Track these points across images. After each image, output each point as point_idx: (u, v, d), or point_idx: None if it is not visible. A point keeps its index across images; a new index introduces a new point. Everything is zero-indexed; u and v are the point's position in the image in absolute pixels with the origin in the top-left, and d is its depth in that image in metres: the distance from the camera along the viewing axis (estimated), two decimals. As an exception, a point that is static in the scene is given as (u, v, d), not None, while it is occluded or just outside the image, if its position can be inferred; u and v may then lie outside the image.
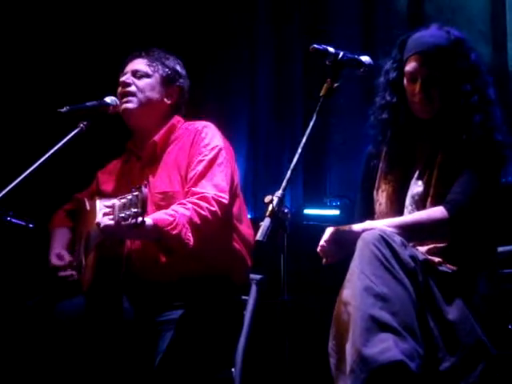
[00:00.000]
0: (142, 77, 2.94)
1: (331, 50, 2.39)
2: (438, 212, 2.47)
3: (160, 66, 2.96)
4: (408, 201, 2.61)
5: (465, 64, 2.56)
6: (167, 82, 2.97)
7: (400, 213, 2.60)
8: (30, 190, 2.69)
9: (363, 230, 2.37)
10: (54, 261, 2.91)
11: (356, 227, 2.46)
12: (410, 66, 2.59)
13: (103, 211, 2.51)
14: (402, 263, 2.27)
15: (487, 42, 4.52)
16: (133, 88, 2.92)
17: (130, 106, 2.91)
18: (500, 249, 2.74)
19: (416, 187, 2.61)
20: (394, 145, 2.66)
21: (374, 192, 2.69)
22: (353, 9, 4.92)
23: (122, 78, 2.95)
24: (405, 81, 2.61)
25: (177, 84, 3.00)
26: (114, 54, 3.09)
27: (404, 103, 2.64)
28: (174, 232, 2.58)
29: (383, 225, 2.45)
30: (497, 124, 2.54)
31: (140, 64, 2.97)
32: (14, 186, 2.59)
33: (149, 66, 2.95)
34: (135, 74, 2.94)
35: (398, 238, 2.32)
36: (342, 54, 2.39)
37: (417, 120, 2.63)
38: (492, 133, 2.51)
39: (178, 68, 3.02)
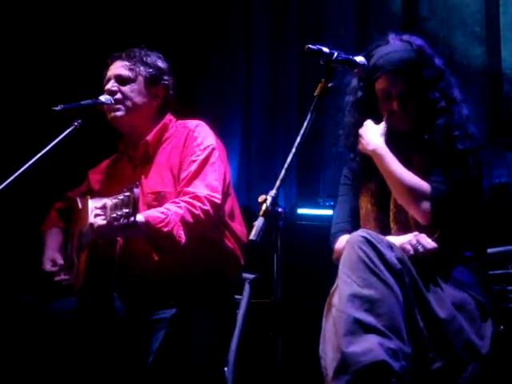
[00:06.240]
0: (127, 82, 2.91)
1: (325, 50, 2.39)
2: (426, 185, 2.52)
3: (142, 67, 2.93)
4: (392, 204, 2.62)
5: (430, 72, 2.62)
6: (152, 82, 2.94)
7: (384, 216, 2.62)
8: (22, 188, 2.69)
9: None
10: (48, 267, 2.91)
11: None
12: (382, 85, 2.64)
13: (95, 212, 2.51)
14: (387, 264, 2.27)
15: (481, 44, 4.53)
16: (119, 96, 2.90)
17: (118, 114, 2.90)
18: (490, 250, 2.75)
19: None
20: (367, 159, 2.68)
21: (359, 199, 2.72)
22: (348, 10, 4.93)
23: (108, 86, 2.92)
24: (378, 98, 2.65)
25: (162, 83, 2.97)
26: (109, 52, 3.07)
27: (375, 120, 2.67)
28: (165, 229, 2.58)
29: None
30: (460, 122, 2.59)
31: (121, 68, 2.93)
32: (7, 184, 2.58)
33: (131, 69, 2.92)
34: (119, 79, 2.92)
35: (385, 240, 2.33)
36: (336, 54, 2.39)
37: (393, 132, 2.66)
38: (453, 132, 2.57)
39: (160, 64, 2.98)
